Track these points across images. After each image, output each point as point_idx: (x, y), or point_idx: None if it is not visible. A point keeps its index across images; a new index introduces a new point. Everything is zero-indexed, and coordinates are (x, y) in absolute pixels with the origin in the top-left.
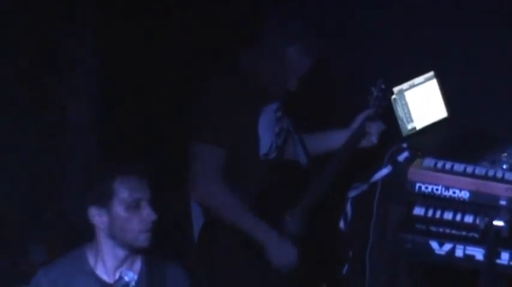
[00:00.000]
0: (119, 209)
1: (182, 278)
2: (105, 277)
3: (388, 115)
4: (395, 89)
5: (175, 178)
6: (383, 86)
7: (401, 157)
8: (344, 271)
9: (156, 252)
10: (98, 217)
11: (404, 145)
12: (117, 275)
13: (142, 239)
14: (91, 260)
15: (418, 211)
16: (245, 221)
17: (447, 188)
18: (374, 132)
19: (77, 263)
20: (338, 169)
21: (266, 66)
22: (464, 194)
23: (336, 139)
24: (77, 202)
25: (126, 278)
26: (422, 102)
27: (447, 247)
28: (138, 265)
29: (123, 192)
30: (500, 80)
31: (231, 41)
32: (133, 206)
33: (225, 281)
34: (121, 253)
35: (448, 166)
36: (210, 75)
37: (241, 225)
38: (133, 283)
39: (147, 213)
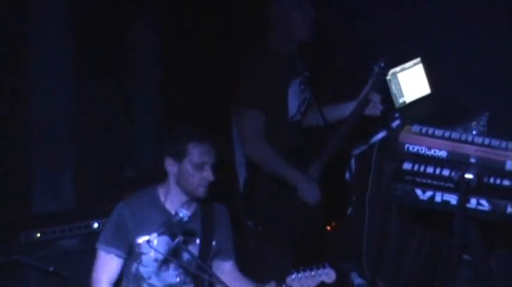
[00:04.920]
0: (188, 166)
1: (226, 214)
2: (172, 211)
3: (384, 92)
4: (390, 72)
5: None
6: (382, 65)
7: (394, 124)
8: (348, 212)
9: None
10: (170, 167)
11: (397, 115)
12: (173, 213)
13: (200, 191)
14: (162, 197)
15: (407, 165)
16: (282, 169)
17: (429, 149)
18: (377, 101)
19: (150, 198)
20: (348, 130)
21: (277, 29)
22: (443, 153)
23: (348, 108)
24: (154, 152)
25: (181, 214)
26: (411, 82)
27: (428, 194)
28: (194, 205)
29: (194, 154)
30: (473, 64)
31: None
32: (199, 167)
33: (266, 219)
34: (184, 197)
35: (430, 131)
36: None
37: (279, 172)
38: (186, 218)
39: (207, 174)
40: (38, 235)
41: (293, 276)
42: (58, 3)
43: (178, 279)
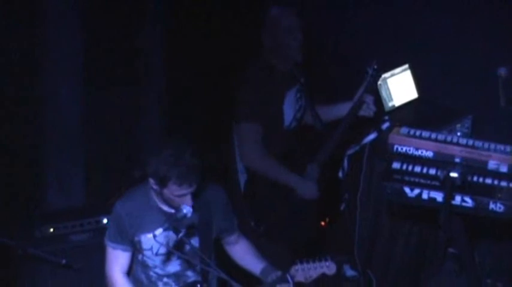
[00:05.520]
0: (167, 194)
1: (221, 194)
2: (165, 209)
3: (375, 95)
4: (380, 77)
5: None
6: (375, 67)
7: (384, 126)
8: (341, 208)
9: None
10: (152, 185)
11: (386, 118)
12: (166, 210)
13: (180, 208)
14: (154, 196)
15: (396, 165)
16: (280, 174)
17: (417, 149)
18: (370, 102)
19: (144, 198)
20: (344, 131)
21: (271, 52)
22: (429, 154)
23: (343, 108)
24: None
25: (184, 211)
26: (400, 87)
27: (416, 191)
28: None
29: (173, 189)
30: (457, 71)
31: None
32: (179, 196)
33: (266, 218)
34: None
35: (417, 132)
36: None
37: (277, 177)
38: (189, 215)
39: (187, 201)
40: (51, 230)
41: (297, 267)
42: (68, 8)
43: (181, 267)
